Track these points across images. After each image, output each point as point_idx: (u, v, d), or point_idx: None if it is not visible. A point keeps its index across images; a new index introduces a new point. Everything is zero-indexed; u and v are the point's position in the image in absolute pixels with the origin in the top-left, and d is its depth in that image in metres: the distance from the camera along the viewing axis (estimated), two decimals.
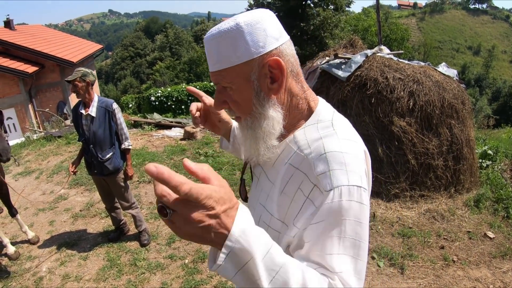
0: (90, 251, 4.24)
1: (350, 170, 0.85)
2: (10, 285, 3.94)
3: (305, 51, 22.25)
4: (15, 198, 4.82)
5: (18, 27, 20.93)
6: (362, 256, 0.84)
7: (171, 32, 60.34)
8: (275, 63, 0.90)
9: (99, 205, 5.20)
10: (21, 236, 4.78)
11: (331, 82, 5.34)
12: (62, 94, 17.43)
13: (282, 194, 0.95)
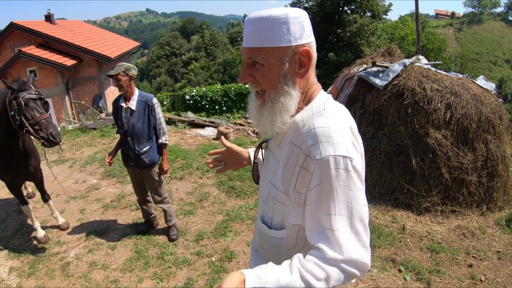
0: (118, 242, 4.45)
1: (336, 142, 1.05)
2: (37, 267, 4.21)
3: (341, 57, 22.30)
4: (48, 184, 5.12)
5: (58, 22, 22.44)
6: (356, 215, 1.05)
7: (207, 33, 61.89)
8: (306, 53, 1.16)
9: (130, 198, 5.45)
10: (51, 221, 5.09)
11: (367, 90, 5.45)
12: (98, 88, 18.41)
13: (285, 169, 1.17)
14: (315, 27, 24.75)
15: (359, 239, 1.05)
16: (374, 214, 4.68)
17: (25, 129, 3.50)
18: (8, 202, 5.99)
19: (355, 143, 1.11)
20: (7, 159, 4.00)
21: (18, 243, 4.80)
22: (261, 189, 1.39)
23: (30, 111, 3.49)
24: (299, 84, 1.20)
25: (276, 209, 1.24)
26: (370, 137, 5.20)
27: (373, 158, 5.09)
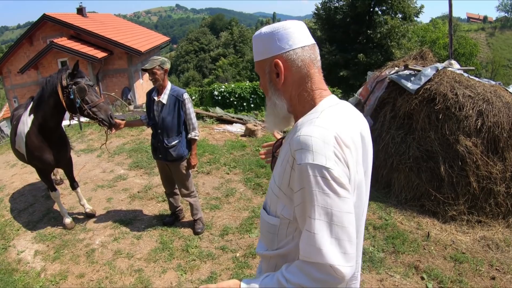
0: (144, 232, 4.58)
1: (315, 151, 1.12)
2: (62, 252, 4.40)
3: (371, 59, 22.08)
4: (76, 172, 5.32)
5: (89, 15, 23.33)
6: (337, 222, 1.12)
7: (236, 30, 62.55)
8: (276, 64, 1.31)
9: (156, 189, 5.60)
10: (78, 208, 5.29)
11: (398, 93, 5.47)
12: (127, 81, 19.04)
13: (281, 166, 1.29)
14: (345, 27, 23.71)
15: (339, 245, 1.11)
16: (399, 220, 4.67)
17: (86, 111, 3.92)
18: (36, 188, 6.27)
19: (338, 153, 1.15)
20: (45, 145, 4.27)
21: (44, 227, 5.01)
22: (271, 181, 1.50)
23: (90, 96, 3.94)
24: (283, 91, 1.36)
25: (272, 199, 1.38)
26: (399, 141, 5.20)
27: (401, 163, 5.09)
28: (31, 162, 4.54)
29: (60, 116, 4.22)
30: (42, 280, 3.98)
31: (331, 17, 24.75)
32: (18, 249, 4.63)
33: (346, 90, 19.14)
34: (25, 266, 4.29)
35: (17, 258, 4.45)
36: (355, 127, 1.31)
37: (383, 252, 4.08)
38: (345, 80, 22.45)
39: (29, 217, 5.35)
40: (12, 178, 7.05)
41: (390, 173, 5.25)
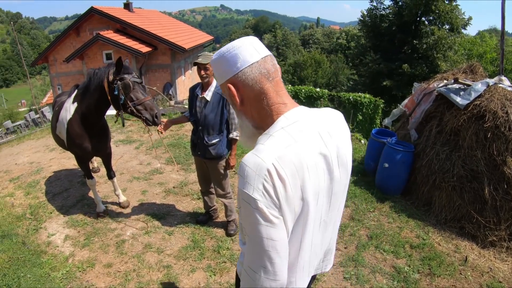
0: (176, 228, 4.52)
1: (246, 181, 1.20)
2: (92, 240, 4.41)
3: (415, 70, 21.44)
4: (113, 162, 5.36)
5: (136, 10, 24.08)
6: (256, 243, 1.23)
7: (280, 32, 63.10)
8: (229, 88, 1.35)
9: (192, 186, 5.56)
10: (112, 198, 5.32)
11: (446, 107, 5.26)
12: (170, 76, 19.49)
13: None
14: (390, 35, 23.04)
15: (259, 260, 1.25)
16: (437, 240, 4.44)
17: (129, 108, 3.83)
18: (73, 173, 6.39)
19: (268, 186, 1.19)
20: (86, 134, 4.30)
21: (77, 213, 5.07)
22: None
23: (135, 93, 3.82)
24: (244, 112, 1.40)
25: None
26: (443, 158, 4.97)
27: (444, 181, 4.86)
28: (70, 149, 4.60)
29: (104, 108, 4.22)
30: (69, 265, 3.99)
31: (377, 24, 24.28)
32: (49, 232, 4.69)
33: (388, 101, 18.63)
34: (54, 249, 4.33)
35: (47, 240, 4.51)
36: (310, 148, 1.29)
37: (418, 273, 3.87)
38: (388, 90, 21.87)
39: (63, 202, 5.44)
40: (50, 162, 7.26)
41: (431, 191, 5.04)
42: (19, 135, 14.64)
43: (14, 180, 6.56)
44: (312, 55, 44.75)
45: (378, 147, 5.67)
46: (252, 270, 1.29)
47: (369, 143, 6.05)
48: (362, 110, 14.04)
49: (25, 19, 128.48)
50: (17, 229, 4.76)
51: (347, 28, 58.53)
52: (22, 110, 50.59)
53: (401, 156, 5.15)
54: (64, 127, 4.41)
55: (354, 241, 4.24)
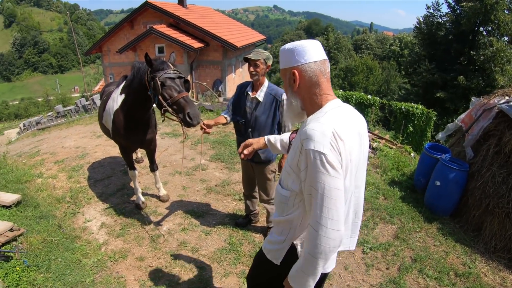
0: (214, 228, 4.42)
1: (316, 141, 1.58)
2: (128, 231, 4.39)
3: (471, 82, 20.21)
4: (157, 154, 5.35)
5: (189, 6, 24.69)
6: (327, 194, 1.57)
7: (332, 36, 62.50)
8: (293, 73, 1.77)
9: (234, 186, 5.46)
10: (152, 190, 5.30)
11: (507, 126, 4.88)
12: (220, 73, 19.85)
13: (293, 149, 1.78)
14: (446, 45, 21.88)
15: (329, 212, 1.57)
16: (484, 270, 4.08)
17: (163, 109, 3.56)
18: (116, 161, 6.48)
19: (333, 143, 1.59)
20: (131, 126, 4.27)
21: (116, 202, 5.08)
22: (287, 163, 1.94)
23: (167, 90, 3.54)
24: (298, 94, 1.81)
25: (285, 176, 1.87)
26: (499, 181, 4.58)
27: (497, 206, 4.48)
28: (115, 139, 4.61)
29: (148, 104, 4.09)
30: (101, 254, 3.98)
31: (433, 32, 23.17)
32: (86, 217, 4.73)
33: (440, 113, 17.78)
34: (89, 235, 4.34)
35: (83, 226, 4.54)
36: (352, 126, 1.74)
37: None
38: (441, 102, 20.84)
39: (104, 189, 5.49)
40: (95, 148, 7.44)
41: (483, 216, 4.68)
42: (69, 119, 15.25)
43: (59, 162, 6.76)
44: (364, 61, 43.93)
45: (430, 163, 5.36)
46: (319, 224, 1.59)
47: (421, 158, 5.73)
48: (413, 121, 13.51)
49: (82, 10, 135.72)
50: (55, 211, 4.84)
51: (401, 34, 56.81)
52: (74, 95, 53.15)
53: (454, 175, 4.83)
54: (110, 117, 4.42)
55: (397, 262, 4.01)
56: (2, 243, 3.77)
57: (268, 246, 2.06)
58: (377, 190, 5.52)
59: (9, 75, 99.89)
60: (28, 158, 7.41)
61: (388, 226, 4.65)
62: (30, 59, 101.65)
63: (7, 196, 4.72)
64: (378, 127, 11.92)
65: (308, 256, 1.66)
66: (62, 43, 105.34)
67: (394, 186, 5.63)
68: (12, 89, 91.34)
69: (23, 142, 11.14)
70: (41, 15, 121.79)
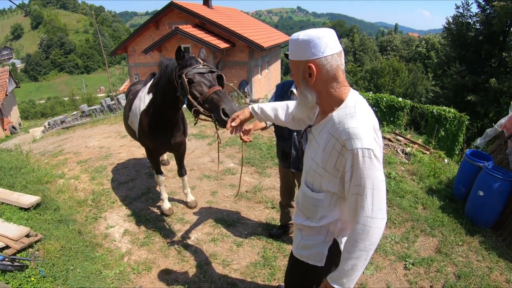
0: (246, 239, 4.05)
1: (363, 138, 1.60)
2: (153, 240, 4.07)
3: (503, 85, 19.27)
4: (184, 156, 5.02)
5: (215, 7, 24.62)
6: (377, 188, 1.62)
7: (357, 37, 62.12)
8: (310, 67, 1.68)
9: (266, 193, 5.06)
10: (179, 195, 4.99)
11: None
12: (246, 74, 19.64)
13: (324, 151, 1.76)
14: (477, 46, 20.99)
15: (378, 204, 1.63)
16: None
17: (194, 109, 3.06)
18: (141, 163, 6.19)
19: (376, 138, 1.63)
20: (159, 128, 3.89)
21: (140, 207, 4.79)
22: (305, 163, 1.97)
23: (197, 87, 3.07)
24: (314, 88, 1.73)
25: (316, 179, 1.84)
26: None
27: None
28: (141, 141, 4.23)
29: (178, 105, 3.63)
30: (123, 265, 3.67)
31: (462, 33, 22.35)
32: (108, 223, 4.45)
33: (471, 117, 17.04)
34: (110, 243, 4.05)
35: (105, 232, 4.25)
36: (375, 120, 1.73)
37: None
38: (471, 106, 19.99)
39: (128, 192, 5.21)
40: (119, 149, 7.21)
41: None
42: (94, 119, 15.24)
43: (82, 163, 6.56)
44: (390, 63, 43.22)
45: (471, 171, 4.95)
46: (372, 218, 1.62)
47: (461, 165, 5.29)
48: (445, 125, 12.98)
49: (108, 13, 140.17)
50: (76, 215, 4.57)
51: (427, 36, 55.73)
52: (100, 95, 54.03)
53: (499, 185, 4.41)
54: (136, 118, 4.07)
55: (440, 279, 3.66)
56: (17, 250, 3.49)
57: (306, 252, 2.00)
58: (416, 199, 5.11)
59: (36, 75, 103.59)
60: (51, 157, 7.27)
61: (429, 239, 4.26)
62: (56, 60, 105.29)
63: (26, 198, 4.45)
64: (410, 131, 11.36)
65: (359, 253, 1.68)
66: (88, 44, 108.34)
67: (433, 195, 5.21)
68: (39, 89, 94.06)
69: (47, 141, 11.14)
70: (67, 17, 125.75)
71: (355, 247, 1.67)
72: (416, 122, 15.81)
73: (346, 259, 1.73)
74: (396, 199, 5.08)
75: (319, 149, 1.78)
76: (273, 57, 25.58)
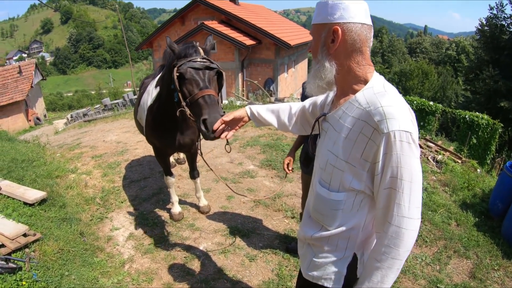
0: (260, 253, 3.65)
1: (400, 119, 1.32)
2: (158, 247, 3.78)
3: None
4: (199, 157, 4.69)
5: (241, 3, 24.34)
6: (415, 180, 1.34)
7: (386, 38, 61.25)
8: (336, 30, 1.43)
9: (287, 200, 4.66)
10: (192, 198, 4.67)
11: None
12: (272, 72, 19.20)
13: (346, 139, 1.44)
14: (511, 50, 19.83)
15: (416, 200, 1.35)
16: None
17: (180, 110, 2.67)
18: (156, 161, 5.88)
19: (412, 120, 1.37)
20: (167, 125, 3.47)
21: (149, 208, 4.49)
22: (319, 158, 1.64)
23: (187, 85, 2.64)
24: (336, 59, 1.46)
25: (334, 175, 1.50)
26: None
27: None
28: (148, 139, 3.87)
29: None
30: (123, 274, 3.36)
31: (496, 36, 21.35)
32: (113, 224, 4.18)
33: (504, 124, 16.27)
34: (113, 248, 3.75)
35: (108, 235, 3.98)
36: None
37: None
38: (505, 113, 18.99)
39: (138, 191, 4.94)
40: (136, 145, 7.00)
41: None
42: (115, 113, 15.19)
43: (97, 157, 6.40)
44: (419, 65, 42.05)
45: (511, 186, 4.50)
46: (407, 218, 1.35)
47: (500, 179, 4.80)
48: (477, 132, 12.35)
49: (136, 9, 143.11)
50: (82, 213, 4.32)
51: (457, 38, 54.12)
52: (127, 90, 54.78)
53: None
54: (144, 113, 3.69)
55: None
56: (12, 250, 3.23)
57: (319, 272, 1.65)
58: (449, 214, 4.63)
59: (65, 68, 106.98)
60: (67, 150, 7.13)
61: (463, 261, 3.81)
62: (85, 54, 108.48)
63: (32, 193, 4.22)
64: (441, 137, 10.75)
65: (391, 262, 1.40)
66: (116, 40, 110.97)
67: (467, 210, 4.73)
68: (67, 82, 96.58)
69: (69, 133, 11.12)
70: (96, 13, 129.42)
71: (387, 254, 1.40)
72: (446, 128, 15.14)
73: (374, 270, 1.44)
74: (428, 213, 4.61)
75: (339, 138, 1.48)
76: (300, 56, 25.13)
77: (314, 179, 1.69)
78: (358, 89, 1.46)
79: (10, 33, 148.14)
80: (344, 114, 1.48)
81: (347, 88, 1.49)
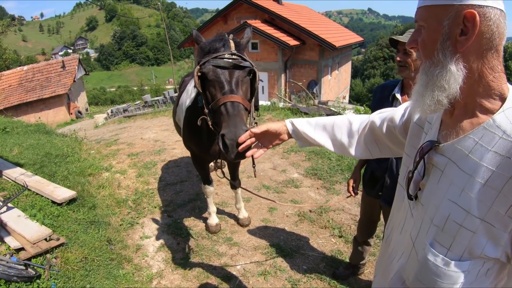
0: (304, 277, 3.20)
1: None
2: (190, 262, 3.42)
3: None
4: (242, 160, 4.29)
5: (285, 3, 23.95)
6: None
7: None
8: (471, 16, 0.93)
9: (334, 215, 4.17)
10: (231, 207, 4.30)
11: None
12: (316, 74, 18.80)
13: (486, 187, 0.96)
14: None
15: None
16: None
17: (201, 117, 2.35)
18: None
19: None
20: (203, 129, 2.96)
21: (184, 216, 4.17)
22: (430, 209, 1.11)
23: (210, 88, 2.19)
24: (464, 59, 0.98)
25: (460, 237, 1.03)
26: None
27: None
28: (186, 144, 3.48)
29: None
30: None
31: None
32: (144, 232, 3.87)
33: None
34: (141, 259, 3.43)
35: (138, 243, 3.66)
36: None
37: None
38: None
39: (173, 196, 4.64)
40: (174, 144, 6.78)
41: None
42: (155, 110, 15.17)
43: (133, 156, 6.20)
44: None
45: None
46: None
47: None
48: None
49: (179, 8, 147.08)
50: (112, 216, 4.04)
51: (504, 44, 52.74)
52: (168, 87, 55.80)
53: None
54: (182, 114, 3.27)
55: None
56: (32, 256, 2.94)
57: None
58: None
59: (109, 64, 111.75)
60: (104, 146, 6.99)
61: None
62: (128, 51, 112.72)
63: (61, 192, 3.96)
64: None
65: None
66: (159, 38, 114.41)
67: None
68: (110, 77, 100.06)
69: (108, 128, 11.10)
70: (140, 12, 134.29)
71: None
72: None
73: None
74: None
75: (472, 184, 0.99)
76: (343, 58, 24.53)
77: (420, 237, 1.17)
78: (492, 108, 1.00)
79: (56, 30, 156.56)
80: (478, 146, 1.00)
81: (473, 104, 1.02)
